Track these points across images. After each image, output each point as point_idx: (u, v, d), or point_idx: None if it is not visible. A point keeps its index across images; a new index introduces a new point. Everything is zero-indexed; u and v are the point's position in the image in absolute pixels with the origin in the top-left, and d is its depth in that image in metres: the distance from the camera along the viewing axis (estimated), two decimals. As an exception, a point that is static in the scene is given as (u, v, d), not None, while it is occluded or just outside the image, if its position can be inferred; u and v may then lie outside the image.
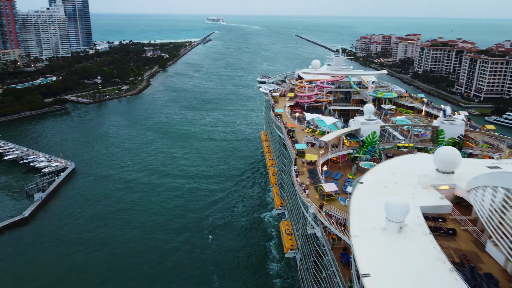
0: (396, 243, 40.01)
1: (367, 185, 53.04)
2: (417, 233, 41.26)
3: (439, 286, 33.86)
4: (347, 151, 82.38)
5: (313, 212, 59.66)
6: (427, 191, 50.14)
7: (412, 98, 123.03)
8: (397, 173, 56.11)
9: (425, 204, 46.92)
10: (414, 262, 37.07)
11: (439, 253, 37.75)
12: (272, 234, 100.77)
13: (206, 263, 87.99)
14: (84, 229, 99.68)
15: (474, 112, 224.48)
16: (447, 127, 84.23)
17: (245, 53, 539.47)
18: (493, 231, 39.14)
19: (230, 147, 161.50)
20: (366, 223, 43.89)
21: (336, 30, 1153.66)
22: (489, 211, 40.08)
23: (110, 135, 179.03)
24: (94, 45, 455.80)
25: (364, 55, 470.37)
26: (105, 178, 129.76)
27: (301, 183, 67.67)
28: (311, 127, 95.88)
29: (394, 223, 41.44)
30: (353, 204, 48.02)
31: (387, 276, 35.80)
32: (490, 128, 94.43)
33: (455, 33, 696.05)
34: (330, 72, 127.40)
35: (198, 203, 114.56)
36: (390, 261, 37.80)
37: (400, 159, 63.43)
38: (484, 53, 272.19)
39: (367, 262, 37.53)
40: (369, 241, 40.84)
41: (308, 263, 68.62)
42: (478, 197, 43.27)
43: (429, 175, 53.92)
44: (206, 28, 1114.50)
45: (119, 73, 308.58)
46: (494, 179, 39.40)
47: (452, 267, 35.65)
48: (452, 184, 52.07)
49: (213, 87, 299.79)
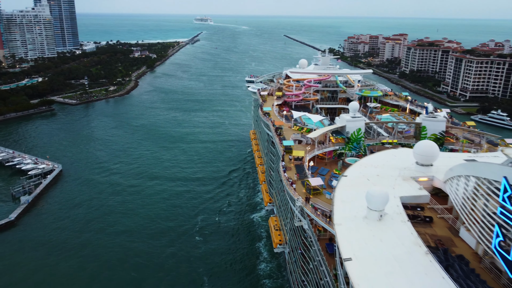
0: (376, 230, 42.79)
1: (350, 178, 55.85)
2: (396, 220, 44.14)
3: (415, 267, 36.65)
4: (333, 148, 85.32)
5: (300, 205, 62.24)
6: (406, 183, 53.20)
7: (397, 97, 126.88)
8: (379, 167, 59.07)
9: (405, 194, 49.92)
10: (392, 247, 39.87)
11: (416, 238, 40.65)
12: (262, 234, 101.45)
13: (196, 265, 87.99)
14: (71, 234, 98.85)
15: (460, 111, 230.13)
16: (429, 123, 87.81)
17: (233, 53, 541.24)
18: (465, 217, 42.18)
19: (219, 148, 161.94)
20: (349, 212, 46.63)
21: (324, 30, 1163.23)
22: (462, 199, 43.13)
23: (97, 136, 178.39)
24: (80, 46, 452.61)
25: (352, 55, 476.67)
26: (93, 181, 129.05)
27: (289, 178, 70.23)
28: (299, 124, 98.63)
29: (374, 212, 44.24)
30: (337, 196, 50.73)
31: (367, 259, 38.51)
32: (470, 124, 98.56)
33: (441, 33, 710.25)
34: (317, 72, 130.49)
35: (187, 205, 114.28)
36: (371, 246, 40.55)
37: (382, 153, 66.58)
38: (469, 53, 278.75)
39: (349, 248, 40.21)
40: (351, 228, 43.55)
41: (296, 255, 71.16)
42: (453, 187, 46.35)
43: (409, 168, 57.03)
44: (194, 28, 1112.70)
45: (107, 73, 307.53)
46: (467, 169, 42.47)
47: (427, 250, 38.55)
48: (431, 176, 55.25)
49: (201, 88, 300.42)
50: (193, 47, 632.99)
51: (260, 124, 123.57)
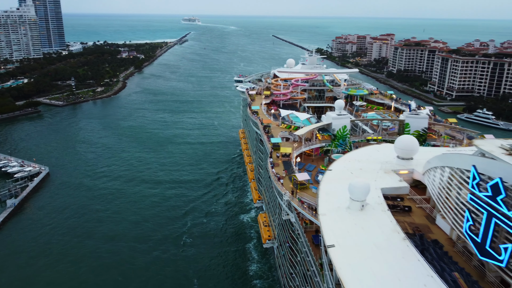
0: (358, 219, 45.49)
1: (335, 171, 58.57)
2: (377, 210, 46.91)
3: (393, 252, 39.38)
4: (319, 144, 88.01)
5: (287, 199, 64.73)
6: (388, 175, 56.12)
7: (382, 95, 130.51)
8: (362, 161, 61.93)
9: (386, 186, 52.80)
10: (373, 234, 42.59)
11: (395, 225, 43.44)
12: (251, 235, 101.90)
13: (185, 268, 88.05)
14: (57, 238, 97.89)
15: (447, 110, 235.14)
16: (412, 120, 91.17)
17: (222, 54, 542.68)
18: (441, 205, 45.15)
19: (208, 149, 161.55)
20: (333, 203, 49.28)
21: (312, 30, 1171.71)
22: (438, 189, 46.10)
23: (85, 138, 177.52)
24: (67, 46, 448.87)
25: (340, 55, 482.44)
26: (80, 184, 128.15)
27: (276, 173, 72.72)
28: (286, 123, 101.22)
29: (356, 202, 46.94)
30: (322, 188, 53.35)
31: (350, 246, 41.14)
32: (452, 121, 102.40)
33: (427, 33, 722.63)
34: (304, 71, 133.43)
35: (175, 208, 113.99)
36: (353, 234, 43.21)
37: (366, 148, 69.58)
38: (455, 53, 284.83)
39: (333, 236, 42.80)
40: (335, 218, 46.17)
41: (284, 249, 73.63)
42: (430, 178, 49.35)
43: (391, 162, 60.02)
44: (182, 29, 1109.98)
45: (94, 74, 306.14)
46: (442, 160, 45.43)
47: (405, 237, 41.34)
48: (411, 169, 58.31)
49: (190, 89, 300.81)
50: (182, 47, 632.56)
51: (249, 123, 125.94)
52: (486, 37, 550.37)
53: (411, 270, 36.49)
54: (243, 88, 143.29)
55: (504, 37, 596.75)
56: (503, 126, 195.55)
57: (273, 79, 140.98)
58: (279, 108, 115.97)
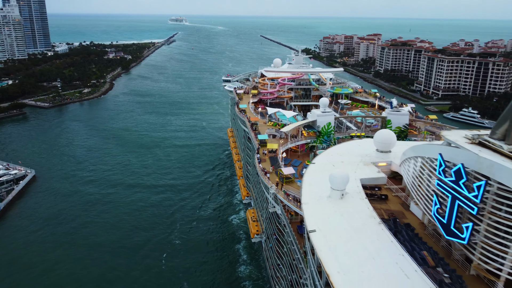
0: (338, 206, 49.07)
1: (318, 164, 62.19)
2: (356, 198, 50.58)
3: (369, 235, 42.99)
4: (305, 141, 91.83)
5: (273, 192, 68.23)
6: (367, 167, 59.96)
7: (367, 93, 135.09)
8: (344, 155, 65.70)
9: (365, 176, 56.58)
10: (351, 220, 46.19)
11: (372, 212, 47.13)
12: (241, 237, 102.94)
13: (175, 271, 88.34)
14: (43, 247, 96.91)
15: (433, 109, 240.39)
16: (393, 117, 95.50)
17: (210, 54, 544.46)
18: (414, 193, 49.03)
19: (196, 151, 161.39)
20: (315, 193, 52.80)
21: (300, 30, 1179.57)
22: (412, 177, 49.97)
23: (71, 141, 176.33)
24: (52, 47, 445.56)
25: (328, 55, 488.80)
26: (66, 189, 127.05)
27: (263, 168, 76.12)
28: (273, 120, 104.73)
29: (337, 191, 50.53)
30: (305, 180, 56.88)
31: (329, 230, 44.64)
32: (432, 118, 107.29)
33: (414, 33, 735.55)
34: (291, 70, 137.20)
35: (163, 211, 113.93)
36: (332, 220, 46.75)
37: (347, 143, 73.55)
38: (441, 52, 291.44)
39: (314, 222, 46.26)
40: (316, 206, 49.68)
41: (272, 241, 77.01)
42: (405, 168, 53.24)
43: (370, 155, 63.92)
44: (169, 29, 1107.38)
45: (80, 75, 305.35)
46: (415, 151, 49.32)
47: (380, 221, 45.04)
48: (389, 161, 62.27)
49: (178, 90, 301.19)
50: (169, 47, 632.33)
51: (237, 121, 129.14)
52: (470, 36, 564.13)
53: (384, 250, 40.12)
54: (231, 88, 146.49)
55: (488, 37, 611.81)
56: (488, 125, 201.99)
57: (260, 78, 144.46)
58: (266, 107, 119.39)
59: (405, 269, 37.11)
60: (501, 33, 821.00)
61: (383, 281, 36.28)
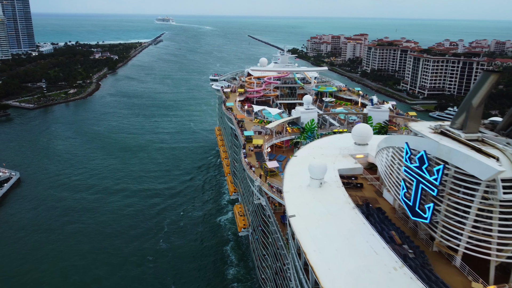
0: (316, 194, 53.23)
1: (299, 157, 66.40)
2: (333, 187, 54.82)
3: (344, 218, 47.21)
4: (289, 137, 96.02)
5: (258, 184, 72.15)
6: (345, 158, 64.38)
7: (350, 92, 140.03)
8: (324, 148, 70.02)
9: (342, 167, 60.98)
10: (328, 205, 50.36)
11: (347, 198, 51.40)
12: (229, 238, 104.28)
13: (164, 273, 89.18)
14: (28, 247, 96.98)
15: (419, 108, 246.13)
16: (374, 113, 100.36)
17: (198, 54, 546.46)
18: (387, 180, 53.45)
19: (185, 153, 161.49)
20: (296, 182, 56.92)
21: (288, 30, 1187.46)
22: (385, 166, 54.38)
23: (56, 143, 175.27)
24: (37, 47, 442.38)
25: (315, 55, 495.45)
26: (51, 192, 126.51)
27: (249, 162, 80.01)
28: (259, 117, 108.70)
29: (315, 180, 54.67)
30: (287, 170, 61.01)
31: (308, 215, 48.73)
32: (412, 114, 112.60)
33: (400, 33, 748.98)
34: (277, 69, 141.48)
35: (150, 213, 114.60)
36: (311, 206, 50.86)
37: (328, 138, 78.05)
38: (426, 52, 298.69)
39: (294, 208, 50.33)
40: (296, 194, 53.78)
41: (258, 233, 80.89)
42: (379, 158, 57.68)
43: (349, 148, 68.38)
44: (156, 29, 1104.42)
45: (66, 76, 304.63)
46: (386, 141, 53.73)
47: (354, 206, 49.30)
48: (366, 153, 66.80)
49: (166, 91, 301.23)
50: (156, 47, 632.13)
51: (224, 119, 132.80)
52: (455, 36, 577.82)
53: (357, 231, 44.34)
54: (218, 86, 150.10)
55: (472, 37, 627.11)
56: None
57: (247, 77, 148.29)
58: (253, 105, 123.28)
59: (374, 246, 41.36)
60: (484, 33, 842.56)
61: (354, 257, 40.44)
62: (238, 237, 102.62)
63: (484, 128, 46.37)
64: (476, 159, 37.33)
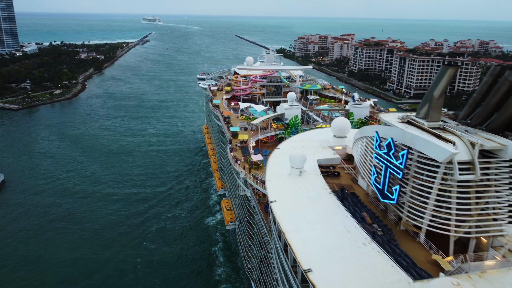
0: (296, 181, 57.47)
1: (282, 149, 70.65)
2: (312, 175, 59.12)
3: (320, 202, 51.50)
4: (274, 133, 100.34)
5: (243, 176, 76.20)
6: (324, 150, 68.85)
7: (334, 90, 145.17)
8: (305, 141, 74.41)
9: (321, 157, 65.34)
10: (306, 191, 54.64)
11: (324, 185, 55.74)
12: (218, 239, 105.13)
13: (152, 275, 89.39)
14: (10, 249, 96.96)
15: (406, 107, 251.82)
16: (355, 110, 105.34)
17: (186, 54, 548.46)
18: (361, 168, 57.97)
19: (172, 154, 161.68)
20: (277, 172, 61.10)
21: (276, 30, 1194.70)
22: (360, 156, 58.91)
23: (41, 144, 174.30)
24: (21, 47, 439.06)
25: (303, 55, 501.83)
26: (36, 195, 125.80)
27: (234, 156, 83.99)
28: (245, 114, 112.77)
29: (295, 169, 58.91)
30: (270, 161, 65.18)
31: (287, 201, 52.92)
32: (392, 111, 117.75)
33: (386, 33, 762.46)
34: (262, 68, 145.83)
35: (137, 214, 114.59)
36: (291, 192, 55.08)
37: (310, 132, 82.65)
38: (412, 52, 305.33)
39: (275, 194, 54.44)
40: (277, 182, 57.95)
41: (244, 224, 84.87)
42: (355, 148, 62.22)
43: (328, 140, 72.88)
44: (143, 29, 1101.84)
45: (51, 76, 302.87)
46: (361, 132, 58.30)
47: (330, 192, 53.66)
48: (344, 145, 71.43)
49: (153, 91, 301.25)
50: (143, 47, 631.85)
51: (211, 117, 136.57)
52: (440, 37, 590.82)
53: (332, 213, 48.66)
54: (205, 85, 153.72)
55: (457, 37, 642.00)
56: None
57: (233, 76, 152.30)
58: (239, 102, 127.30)
59: (346, 226, 45.72)
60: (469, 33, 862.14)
61: (328, 236, 44.72)
62: (227, 238, 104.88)
63: (448, 118, 51.19)
64: (435, 144, 41.98)
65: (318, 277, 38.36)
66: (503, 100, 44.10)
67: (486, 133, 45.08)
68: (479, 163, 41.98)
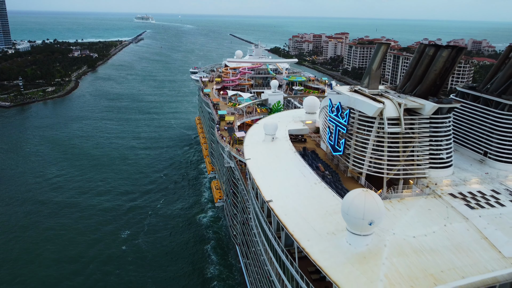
0: (269, 145, 71.60)
1: (260, 124, 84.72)
2: (282, 141, 73.30)
3: (286, 159, 65.57)
4: (258, 116, 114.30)
5: (228, 150, 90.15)
6: (296, 123, 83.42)
7: (318, 81, 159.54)
8: (282, 117, 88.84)
9: (292, 128, 79.59)
10: (276, 151, 68.78)
11: (291, 147, 69.94)
12: (210, 236, 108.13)
13: (145, 275, 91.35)
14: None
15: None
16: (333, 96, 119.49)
17: (180, 53, 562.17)
18: (322, 133, 72.11)
19: (165, 152, 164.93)
20: (254, 139, 75.22)
21: (271, 29, 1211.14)
22: (322, 123, 73.09)
23: (33, 142, 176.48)
24: (13, 45, 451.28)
25: (297, 54, 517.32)
26: (26, 197, 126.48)
27: (221, 134, 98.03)
28: (233, 101, 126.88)
29: (268, 136, 73.03)
30: (249, 132, 79.49)
31: (260, 158, 66.97)
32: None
33: (380, 32, 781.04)
34: (251, 61, 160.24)
35: (129, 214, 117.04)
36: (264, 153, 69.17)
37: (286, 111, 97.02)
38: (406, 51, 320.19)
39: (250, 154, 68.41)
40: (254, 146, 72.08)
41: (230, 196, 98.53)
42: (320, 118, 76.47)
43: (301, 116, 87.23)
44: (136, 27, 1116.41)
45: (43, 74, 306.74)
46: (323, 102, 72.61)
47: (295, 151, 67.74)
48: (314, 120, 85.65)
49: (147, 89, 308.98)
50: (137, 46, 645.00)
51: (202, 106, 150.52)
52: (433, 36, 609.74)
53: (294, 165, 62.74)
54: (197, 77, 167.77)
55: (450, 36, 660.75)
56: None
57: (223, 68, 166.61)
58: (228, 91, 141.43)
59: (304, 172, 59.78)
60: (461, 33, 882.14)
61: (289, 179, 58.74)
62: (220, 236, 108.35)
63: (390, 89, 65.48)
64: (368, 103, 56.24)
65: (277, 204, 52.25)
66: (426, 71, 58.48)
67: (414, 97, 59.39)
68: (404, 119, 56.17)
